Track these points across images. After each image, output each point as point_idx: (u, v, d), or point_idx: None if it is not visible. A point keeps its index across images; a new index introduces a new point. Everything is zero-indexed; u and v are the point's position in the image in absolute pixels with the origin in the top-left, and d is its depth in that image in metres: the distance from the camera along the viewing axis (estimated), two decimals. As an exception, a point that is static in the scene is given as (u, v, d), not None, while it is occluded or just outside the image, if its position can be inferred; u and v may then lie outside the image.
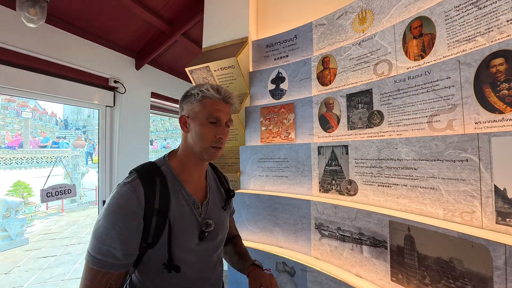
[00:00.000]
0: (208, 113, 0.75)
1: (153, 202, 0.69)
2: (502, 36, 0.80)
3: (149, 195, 0.69)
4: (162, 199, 0.71)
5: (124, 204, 0.66)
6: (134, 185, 0.69)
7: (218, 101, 0.77)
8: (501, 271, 0.64)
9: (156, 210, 0.69)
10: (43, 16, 1.55)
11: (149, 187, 0.70)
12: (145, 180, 0.71)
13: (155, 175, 0.74)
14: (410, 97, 0.99)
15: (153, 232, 0.68)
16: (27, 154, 10.46)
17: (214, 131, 0.76)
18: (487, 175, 0.74)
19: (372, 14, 1.22)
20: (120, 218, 0.65)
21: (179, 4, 2.37)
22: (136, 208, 0.67)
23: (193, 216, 0.77)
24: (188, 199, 0.77)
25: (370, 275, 0.97)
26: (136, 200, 0.67)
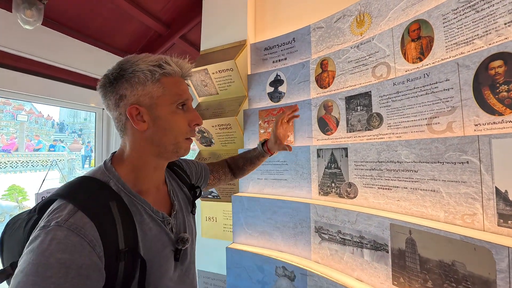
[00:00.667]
0: (176, 95, 0.58)
1: (116, 243, 0.48)
2: (500, 38, 0.80)
3: (108, 235, 0.47)
4: (128, 234, 0.50)
5: (68, 259, 0.41)
6: (77, 224, 0.44)
7: (179, 79, 0.60)
8: (504, 274, 0.63)
9: (123, 253, 0.48)
10: (39, 18, 1.53)
11: (103, 222, 0.47)
12: (94, 212, 0.47)
13: (107, 199, 0.51)
14: (409, 100, 0.99)
15: (121, 281, 0.48)
16: (22, 157, 10.34)
17: (187, 117, 0.60)
18: (488, 177, 0.74)
19: (370, 17, 1.22)
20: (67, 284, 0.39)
21: (177, 7, 2.37)
22: (91, 259, 0.43)
23: (164, 237, 0.59)
24: (155, 216, 0.58)
25: (371, 279, 0.96)
26: (89, 248, 0.43)
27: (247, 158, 1.06)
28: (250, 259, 1.32)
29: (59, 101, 2.27)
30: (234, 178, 1.08)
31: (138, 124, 0.56)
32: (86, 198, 0.49)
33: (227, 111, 1.66)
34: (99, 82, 0.60)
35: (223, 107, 1.70)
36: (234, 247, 1.40)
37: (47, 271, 0.39)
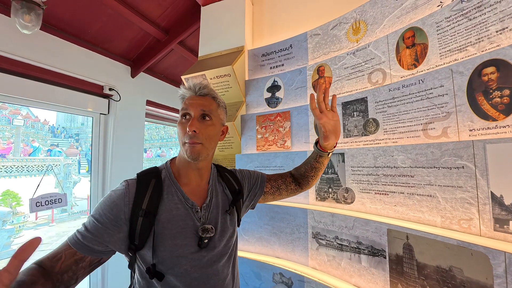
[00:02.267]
0: (181, 108, 0.76)
1: (141, 203, 0.68)
2: (492, 46, 0.82)
3: (139, 195, 0.69)
4: (152, 200, 0.69)
5: (114, 196, 0.68)
6: (129, 183, 0.71)
7: (191, 96, 0.77)
8: (501, 279, 0.63)
9: (143, 211, 0.67)
10: (38, 23, 1.54)
11: (141, 187, 0.70)
12: (140, 181, 0.72)
13: (152, 177, 0.74)
14: (405, 105, 1.00)
15: (138, 233, 0.66)
16: (17, 162, 10.22)
17: (185, 125, 0.73)
18: (484, 182, 0.75)
19: (365, 25, 1.24)
20: (104, 206, 0.66)
21: (175, 13, 2.39)
22: (121, 202, 0.67)
23: (189, 220, 0.72)
24: (185, 202, 0.73)
25: (369, 285, 0.95)
26: (124, 196, 0.68)
27: (307, 162, 0.95)
28: (247, 265, 1.30)
29: (57, 106, 2.26)
30: (300, 189, 0.98)
31: None
32: (143, 173, 0.75)
33: (224, 116, 1.66)
34: None
35: (220, 112, 1.70)
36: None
37: (105, 197, 0.69)
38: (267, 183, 0.96)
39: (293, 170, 1.01)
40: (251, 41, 1.81)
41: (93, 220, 0.65)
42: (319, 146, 0.88)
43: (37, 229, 6.63)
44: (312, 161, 0.92)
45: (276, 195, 0.97)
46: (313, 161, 0.92)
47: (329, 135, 0.83)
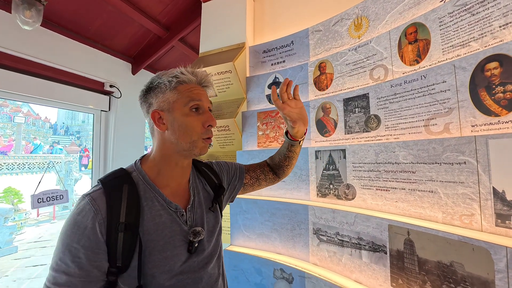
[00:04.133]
0: (189, 98, 0.65)
1: (118, 215, 0.57)
2: (496, 41, 0.81)
3: (113, 207, 0.57)
4: (130, 210, 0.59)
5: (80, 220, 0.55)
6: (94, 196, 0.58)
7: (195, 86, 0.68)
8: (503, 274, 0.63)
9: (122, 224, 0.57)
10: (38, 19, 1.54)
11: (113, 197, 0.59)
12: (109, 190, 0.59)
13: (123, 183, 0.62)
14: (407, 101, 1.00)
15: (121, 252, 0.56)
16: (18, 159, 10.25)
17: (200, 119, 0.66)
18: (485, 177, 0.74)
19: (367, 21, 1.24)
20: (75, 237, 0.54)
21: (176, 10, 2.38)
22: (93, 223, 0.55)
23: (176, 226, 0.64)
24: (167, 206, 0.64)
25: (370, 281, 0.96)
26: (93, 214, 0.56)
27: (280, 152, 0.94)
28: (248, 261, 1.31)
29: (58, 102, 2.26)
30: (277, 178, 0.97)
31: (159, 126, 0.65)
32: (109, 180, 0.62)
33: (225, 113, 1.66)
34: (139, 95, 0.71)
35: (221, 109, 1.70)
36: (232, 249, 1.39)
37: (67, 227, 0.56)
38: (246, 174, 0.93)
39: (268, 159, 0.99)
40: (252, 38, 1.81)
41: (71, 261, 0.52)
42: (289, 135, 0.87)
43: (39, 226, 6.67)
44: (284, 151, 0.91)
45: (255, 186, 0.95)
46: (286, 150, 0.91)
47: (297, 123, 0.82)
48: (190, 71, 0.68)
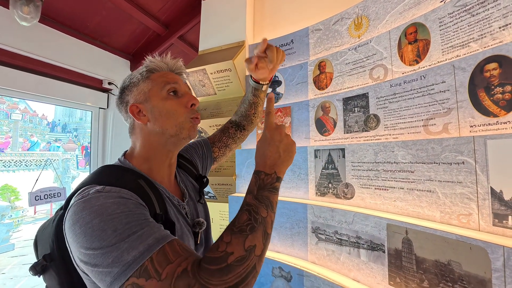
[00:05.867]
0: (164, 83, 0.63)
1: (154, 208, 0.54)
2: (495, 42, 0.82)
3: (144, 199, 0.53)
4: (160, 202, 0.57)
5: (120, 200, 0.48)
6: (115, 189, 0.50)
7: (167, 72, 0.66)
8: (500, 273, 0.64)
9: (161, 215, 0.54)
10: (36, 15, 1.52)
11: (138, 192, 0.53)
12: (127, 186, 0.53)
13: (135, 177, 0.57)
14: (406, 101, 1.00)
15: None
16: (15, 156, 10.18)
17: (181, 102, 0.63)
18: (483, 177, 0.75)
19: (367, 20, 1.24)
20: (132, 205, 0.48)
21: (176, 8, 2.37)
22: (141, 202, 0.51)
23: (182, 219, 0.64)
24: (173, 200, 0.64)
25: (368, 279, 0.96)
26: (133, 195, 0.51)
27: (244, 100, 0.91)
28: (246, 259, 1.31)
29: (56, 99, 2.25)
30: (245, 132, 0.95)
31: (140, 119, 0.62)
32: (114, 179, 0.54)
33: (225, 111, 1.66)
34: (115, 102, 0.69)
35: (221, 107, 1.70)
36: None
37: (107, 209, 0.45)
38: (213, 147, 0.91)
39: (233, 116, 0.97)
40: (252, 36, 1.80)
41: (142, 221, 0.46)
42: (253, 78, 0.81)
43: (36, 223, 6.64)
44: (250, 97, 0.88)
45: (226, 153, 0.94)
46: (251, 96, 0.87)
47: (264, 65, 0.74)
48: (159, 59, 0.66)
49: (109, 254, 0.42)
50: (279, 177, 0.59)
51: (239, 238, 0.48)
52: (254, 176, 0.59)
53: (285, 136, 0.63)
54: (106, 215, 0.44)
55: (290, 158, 0.62)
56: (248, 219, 0.51)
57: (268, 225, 0.53)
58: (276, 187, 0.58)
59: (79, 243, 0.45)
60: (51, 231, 0.57)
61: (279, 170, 0.59)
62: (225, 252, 0.46)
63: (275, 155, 0.60)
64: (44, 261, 0.56)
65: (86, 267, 0.45)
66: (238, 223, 0.51)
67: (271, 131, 0.62)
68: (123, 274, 0.41)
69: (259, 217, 0.52)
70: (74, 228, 0.45)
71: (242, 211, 0.54)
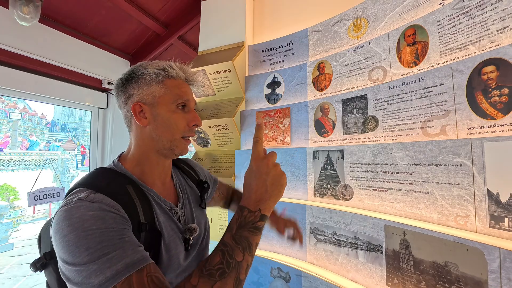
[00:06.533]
0: (177, 96, 0.62)
1: (138, 216, 0.53)
2: (493, 45, 0.82)
3: (129, 208, 0.52)
4: (146, 210, 0.56)
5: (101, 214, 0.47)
6: (98, 198, 0.49)
7: (182, 82, 0.65)
8: (496, 275, 0.65)
9: (145, 224, 0.54)
10: (36, 15, 1.52)
11: (123, 199, 0.53)
12: (113, 193, 0.52)
13: (124, 183, 0.57)
14: (404, 103, 1.01)
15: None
16: (14, 156, 10.16)
17: (186, 117, 0.64)
18: (480, 179, 0.76)
19: (367, 22, 1.24)
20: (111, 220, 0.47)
21: (175, 8, 2.37)
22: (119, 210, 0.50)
23: (173, 225, 0.63)
24: (163, 205, 0.63)
25: (366, 280, 0.97)
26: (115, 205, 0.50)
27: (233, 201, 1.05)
28: (245, 260, 1.31)
29: (55, 99, 2.25)
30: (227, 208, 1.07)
31: (140, 120, 0.61)
32: (104, 184, 0.54)
33: (224, 112, 1.66)
34: (114, 83, 0.67)
35: (220, 108, 1.70)
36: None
37: (84, 224, 0.45)
38: (217, 190, 0.97)
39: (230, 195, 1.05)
40: (251, 37, 1.81)
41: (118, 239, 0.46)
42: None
43: (35, 223, 6.63)
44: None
45: (217, 203, 1.01)
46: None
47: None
48: (179, 67, 0.65)
49: (80, 273, 0.43)
50: (263, 215, 0.55)
51: (207, 283, 0.46)
52: (237, 211, 0.56)
53: (273, 167, 0.58)
54: (82, 230, 0.45)
55: (278, 193, 0.58)
56: (220, 262, 0.48)
57: (243, 270, 0.50)
58: (258, 227, 0.54)
59: (58, 253, 0.46)
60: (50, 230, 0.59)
61: (265, 207, 0.56)
62: None
63: (261, 189, 0.56)
64: (44, 258, 0.58)
65: (62, 276, 0.46)
66: (209, 265, 0.48)
67: (258, 161, 0.58)
68: None
69: (232, 261, 0.49)
70: (55, 237, 0.47)
71: (216, 251, 0.51)
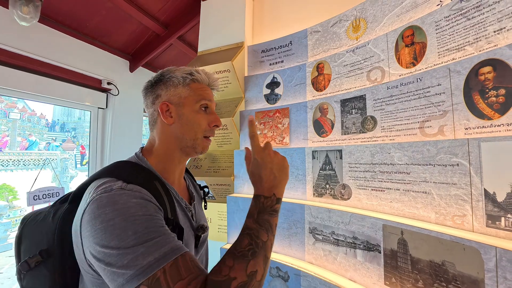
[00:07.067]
0: (201, 97, 0.67)
1: (166, 211, 0.56)
2: (490, 45, 0.83)
3: (159, 202, 0.55)
4: (172, 207, 0.59)
5: (143, 202, 0.50)
6: (135, 189, 0.52)
7: (205, 86, 0.71)
8: (492, 274, 0.65)
9: (173, 220, 0.56)
10: (36, 15, 1.53)
11: (154, 194, 0.55)
12: (144, 185, 0.54)
13: (151, 178, 0.59)
14: (403, 103, 1.01)
15: None
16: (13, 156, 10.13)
17: (207, 118, 0.68)
18: (477, 179, 0.76)
19: (365, 23, 1.25)
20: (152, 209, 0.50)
21: (175, 8, 2.38)
22: (159, 206, 0.53)
23: (188, 222, 0.67)
24: (181, 202, 0.67)
25: (364, 279, 0.97)
26: (150, 197, 0.53)
27: None
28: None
29: (55, 99, 2.25)
30: None
31: (166, 118, 0.66)
32: (133, 176, 0.56)
33: (223, 112, 1.67)
34: (143, 86, 0.71)
35: (219, 108, 1.71)
36: (228, 247, 1.40)
37: (130, 209, 0.47)
38: None
39: None
40: (251, 37, 1.81)
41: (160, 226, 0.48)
42: None
43: (34, 223, 6.61)
44: None
45: None
46: None
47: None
48: (204, 72, 0.71)
49: (126, 256, 0.43)
50: (279, 198, 0.61)
51: (241, 263, 0.49)
52: (254, 200, 0.60)
53: (275, 155, 0.64)
54: (129, 215, 0.46)
55: (285, 176, 0.64)
56: (249, 244, 0.52)
57: (268, 249, 0.55)
58: (276, 209, 0.60)
59: (97, 239, 0.45)
60: (52, 226, 0.58)
61: (278, 191, 0.61)
62: (228, 277, 0.47)
63: (270, 176, 0.61)
64: (40, 257, 0.56)
65: (98, 264, 0.45)
66: (240, 248, 0.52)
67: (260, 154, 0.63)
68: (136, 278, 0.43)
69: (260, 241, 0.54)
70: (95, 223, 0.46)
71: (243, 235, 0.55)
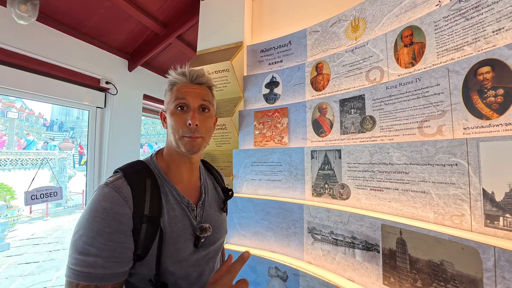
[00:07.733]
0: (175, 97, 0.68)
1: (143, 208, 0.60)
2: (488, 46, 0.83)
3: (138, 199, 0.60)
4: (154, 204, 0.62)
5: (109, 206, 0.56)
6: (118, 184, 0.60)
7: (185, 85, 0.70)
8: (490, 273, 0.65)
9: (146, 217, 0.60)
10: (34, 14, 1.52)
11: (137, 190, 0.61)
12: (133, 181, 0.62)
13: (145, 176, 0.65)
14: (401, 103, 1.01)
15: (142, 242, 0.59)
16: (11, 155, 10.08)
17: (184, 118, 0.67)
18: (476, 179, 0.76)
19: (364, 23, 1.25)
20: (106, 223, 0.55)
21: (174, 7, 2.37)
22: (124, 209, 0.57)
23: (186, 220, 0.68)
24: (180, 200, 0.69)
25: (363, 279, 0.97)
26: (122, 201, 0.58)
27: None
28: (243, 259, 1.32)
29: (53, 98, 2.24)
30: None
31: (164, 125, 0.74)
32: (131, 172, 0.65)
33: (222, 111, 1.67)
34: None
35: (218, 107, 1.71)
36: (227, 247, 1.40)
37: (95, 213, 0.56)
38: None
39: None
40: (250, 37, 1.81)
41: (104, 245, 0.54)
42: None
43: (32, 223, 6.59)
44: None
45: None
46: None
47: None
48: (180, 72, 0.71)
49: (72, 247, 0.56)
50: None
51: None
52: None
53: None
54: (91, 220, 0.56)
55: None
56: None
57: None
58: None
59: None
60: None
61: None
62: None
63: None
64: None
65: None
66: None
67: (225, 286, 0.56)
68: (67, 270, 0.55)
69: None
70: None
71: None
